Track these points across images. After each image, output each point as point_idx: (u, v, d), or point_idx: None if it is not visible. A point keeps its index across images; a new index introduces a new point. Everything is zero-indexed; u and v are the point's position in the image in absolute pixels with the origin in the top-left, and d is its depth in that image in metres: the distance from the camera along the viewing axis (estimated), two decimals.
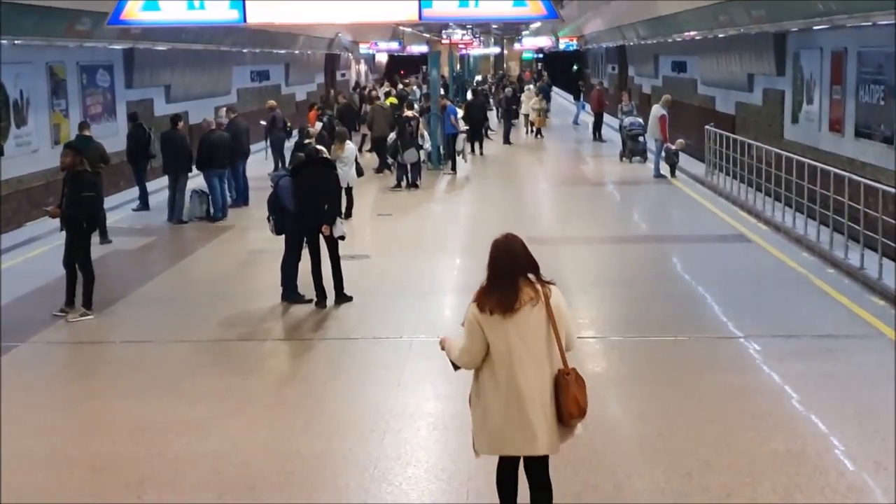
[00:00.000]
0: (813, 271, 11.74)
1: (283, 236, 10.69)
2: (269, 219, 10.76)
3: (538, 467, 5.18)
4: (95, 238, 13.75)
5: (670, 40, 26.44)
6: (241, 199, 17.17)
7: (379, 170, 21.35)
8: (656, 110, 20.27)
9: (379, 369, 8.52)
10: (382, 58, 55.53)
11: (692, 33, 22.45)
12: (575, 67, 54.16)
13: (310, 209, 10.26)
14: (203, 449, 6.83)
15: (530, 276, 4.99)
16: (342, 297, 10.58)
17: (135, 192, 17.56)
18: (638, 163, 22.51)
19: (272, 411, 7.60)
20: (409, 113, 19.46)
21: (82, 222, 10.06)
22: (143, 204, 17.00)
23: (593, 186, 20.44)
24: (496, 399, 4.93)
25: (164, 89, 24.15)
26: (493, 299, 4.94)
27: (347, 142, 15.26)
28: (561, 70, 55.88)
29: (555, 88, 46.67)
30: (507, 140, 27.91)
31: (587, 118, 33.06)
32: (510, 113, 28.80)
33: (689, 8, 20.44)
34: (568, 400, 4.92)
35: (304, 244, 10.54)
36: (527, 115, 30.93)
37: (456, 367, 5.19)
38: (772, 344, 9.00)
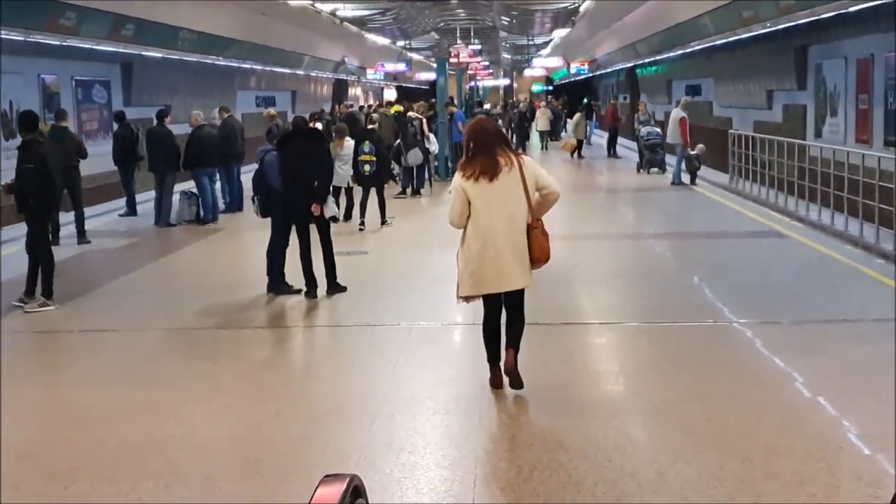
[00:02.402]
0: (860, 262, 10.56)
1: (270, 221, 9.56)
2: (253, 199, 9.63)
3: (515, 303, 6.18)
4: (73, 239, 12.80)
5: (688, 50, 25.42)
6: (235, 204, 16.00)
7: (384, 180, 20.20)
8: (675, 113, 19.16)
9: (372, 355, 7.34)
10: (390, 93, 54.91)
11: (712, 37, 21.39)
12: (585, 100, 53.30)
13: (298, 187, 9.12)
14: (155, 435, 5.65)
15: (504, 147, 6.07)
16: (335, 287, 9.40)
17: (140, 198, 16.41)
18: (656, 174, 21.35)
19: (244, 396, 6.42)
20: (412, 113, 18.34)
21: (28, 198, 8.89)
22: (131, 209, 15.85)
23: (610, 192, 19.38)
24: (477, 248, 5.97)
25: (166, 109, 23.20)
26: (475, 167, 6.00)
27: (347, 138, 14.07)
28: (570, 101, 55.06)
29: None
30: None
31: (598, 140, 32.06)
32: (522, 129, 27.73)
33: (709, 9, 19.44)
34: (535, 248, 6.00)
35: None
36: (541, 132, 30.04)
37: None
38: (828, 328, 7.84)
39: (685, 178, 18.98)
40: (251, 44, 25.52)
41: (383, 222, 14.20)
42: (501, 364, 6.19)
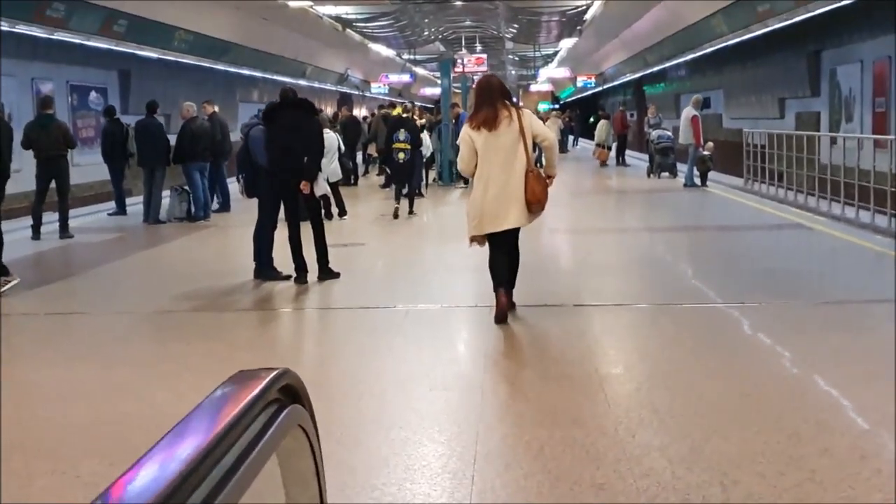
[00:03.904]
0: (892, 249, 9.79)
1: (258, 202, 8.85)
2: (238, 178, 8.93)
3: (510, 242, 6.72)
4: (56, 235, 12.10)
5: (698, 55, 24.81)
6: (226, 203, 15.17)
7: (386, 184, 19.55)
8: (687, 112, 18.40)
9: (364, 335, 6.60)
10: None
11: (725, 37, 20.76)
12: (591, 120, 52.79)
13: (285, 163, 8.40)
14: (110, 415, 4.92)
15: (506, 102, 6.60)
16: (327, 273, 8.64)
17: (134, 200, 15.71)
18: (667, 178, 20.56)
19: (216, 376, 5.56)
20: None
21: None
22: (120, 208, 15.13)
23: (622, 194, 18.66)
24: (480, 191, 6.54)
25: (164, 118, 22.57)
26: (479, 119, 6.53)
27: (327, 130, 13.17)
28: (579, 117, 54.50)
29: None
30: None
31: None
32: None
33: (723, 6, 18.82)
34: (528, 191, 6.48)
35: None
36: None
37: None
38: (869, 308, 7.11)
39: (697, 179, 18.23)
40: (251, 49, 24.96)
41: (410, 211, 14.18)
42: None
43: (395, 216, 13.72)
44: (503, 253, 6.67)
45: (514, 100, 7.12)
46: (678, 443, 4.23)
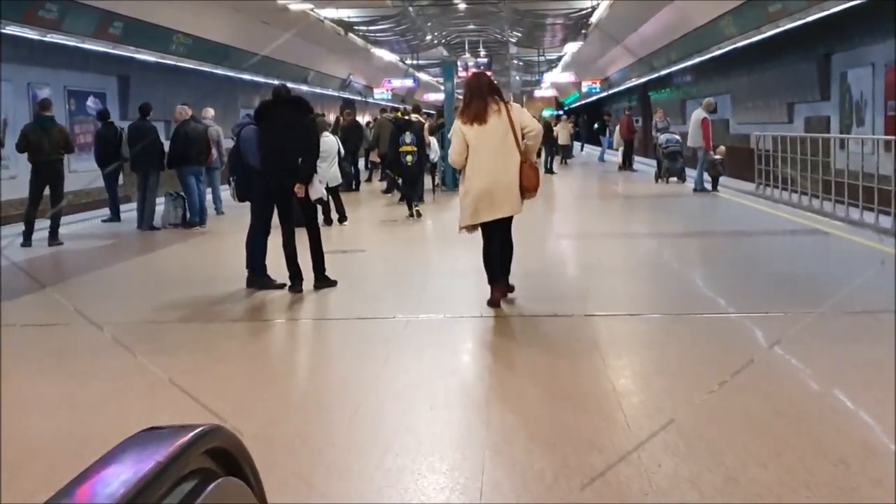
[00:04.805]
0: None
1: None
2: (230, 181, 8.46)
3: (504, 230, 7.04)
4: (44, 242, 11.64)
5: (706, 58, 24.32)
6: (217, 207, 14.72)
7: (388, 190, 19.12)
8: (697, 114, 17.91)
9: (360, 347, 6.13)
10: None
11: (736, 38, 20.27)
12: (596, 126, 52.37)
13: (279, 164, 7.93)
14: (78, 431, 4.48)
15: (495, 97, 6.91)
16: (323, 281, 8.18)
17: (129, 206, 15.25)
18: (675, 184, 20.06)
19: (197, 389, 5.18)
20: (415, 116, 17.07)
21: None
22: (115, 215, 14.70)
23: (630, 199, 18.12)
24: (477, 182, 6.77)
25: (164, 125, 22.14)
26: (470, 113, 6.87)
27: (326, 133, 12.70)
28: (588, 121, 54.17)
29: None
30: (549, 170, 25.85)
31: (611, 157, 30.82)
32: (550, 140, 26.26)
33: (733, 6, 18.34)
34: (524, 179, 6.81)
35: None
36: (561, 146, 29.17)
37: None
38: None
39: (707, 184, 17.73)
40: (251, 54, 24.50)
41: (411, 214, 13.93)
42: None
43: (417, 215, 13.83)
44: (496, 243, 7.00)
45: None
46: (711, 472, 3.75)
